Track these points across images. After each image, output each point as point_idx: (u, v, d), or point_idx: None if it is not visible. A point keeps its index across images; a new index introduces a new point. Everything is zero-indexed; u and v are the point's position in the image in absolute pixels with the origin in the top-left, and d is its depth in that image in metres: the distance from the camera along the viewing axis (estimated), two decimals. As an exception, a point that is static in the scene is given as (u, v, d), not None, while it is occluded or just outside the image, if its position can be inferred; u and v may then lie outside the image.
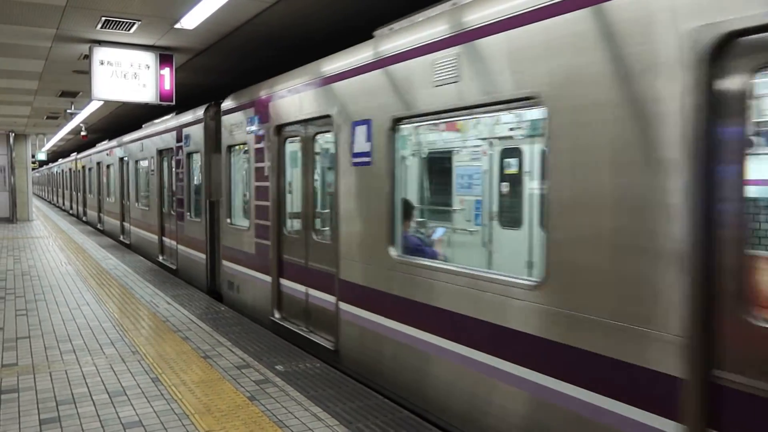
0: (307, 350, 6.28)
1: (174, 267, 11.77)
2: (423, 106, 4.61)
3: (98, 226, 21.30)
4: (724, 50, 2.64)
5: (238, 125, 8.35)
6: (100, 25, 7.62)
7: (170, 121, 11.98)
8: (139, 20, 7.43)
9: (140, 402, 4.83)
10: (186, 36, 8.06)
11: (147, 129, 13.90)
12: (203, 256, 10.08)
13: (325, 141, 6.55)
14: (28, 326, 7.27)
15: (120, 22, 7.47)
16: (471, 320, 4.14)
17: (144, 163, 14.32)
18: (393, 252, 5.03)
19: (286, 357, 6.06)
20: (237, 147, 8.73)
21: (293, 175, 7.29)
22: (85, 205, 25.33)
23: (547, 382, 3.55)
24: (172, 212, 11.85)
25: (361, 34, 5.86)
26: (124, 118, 17.43)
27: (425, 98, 4.56)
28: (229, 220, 8.90)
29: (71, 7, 6.87)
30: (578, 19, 3.33)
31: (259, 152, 7.68)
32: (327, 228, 6.46)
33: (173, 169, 11.74)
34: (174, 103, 8.94)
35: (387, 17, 5.62)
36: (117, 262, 12.79)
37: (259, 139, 7.64)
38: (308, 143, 6.65)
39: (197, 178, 10.85)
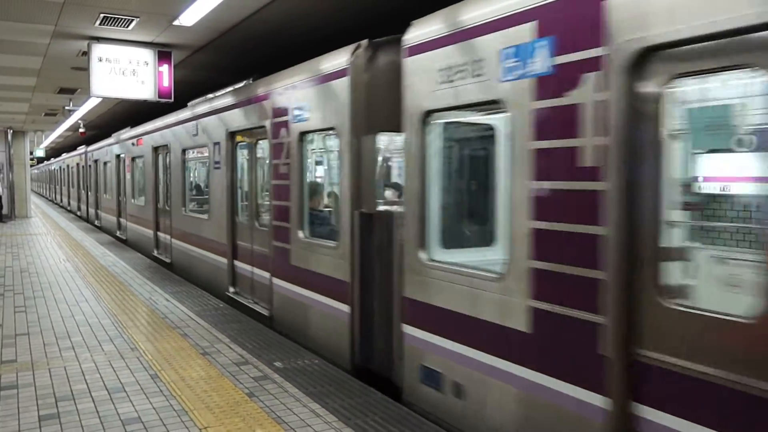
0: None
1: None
2: None
3: (118, 233, 17.39)
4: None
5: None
6: (98, 22, 7.61)
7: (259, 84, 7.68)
8: (137, 17, 7.42)
9: (139, 398, 4.84)
10: (184, 33, 8.05)
11: (205, 104, 9.72)
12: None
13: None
14: (27, 323, 7.28)
15: (118, 18, 7.47)
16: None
17: (198, 154, 10.65)
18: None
19: (285, 353, 6.07)
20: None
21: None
22: (97, 207, 21.85)
23: None
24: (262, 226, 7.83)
25: (360, 31, 5.85)
26: (123, 115, 17.41)
27: None
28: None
29: (69, 3, 6.86)
30: None
31: None
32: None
33: (267, 161, 7.45)
34: (173, 100, 8.94)
35: (385, 13, 5.62)
36: (115, 258, 12.79)
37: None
38: None
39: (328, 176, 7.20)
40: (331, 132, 5.98)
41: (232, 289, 8.69)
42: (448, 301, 4.33)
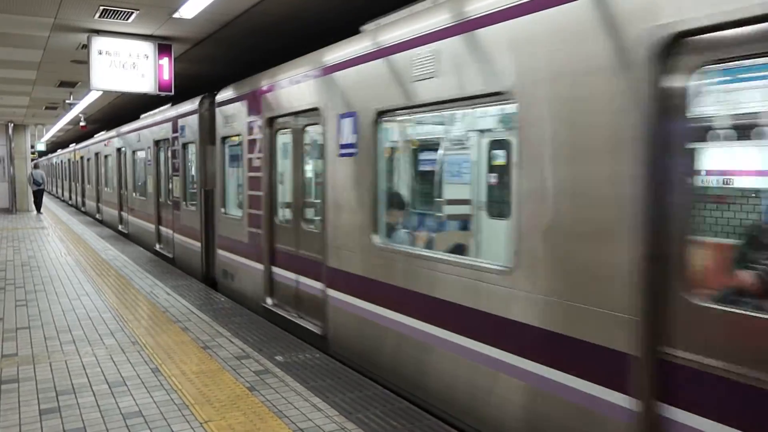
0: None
1: None
2: None
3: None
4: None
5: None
6: (98, 15, 7.57)
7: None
8: (137, 9, 7.39)
9: (140, 392, 4.83)
10: (185, 25, 8.01)
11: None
12: None
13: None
14: (28, 317, 7.27)
15: (118, 11, 7.43)
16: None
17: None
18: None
19: (286, 347, 6.06)
20: None
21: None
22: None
23: None
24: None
25: (361, 23, 5.82)
26: (124, 109, 17.38)
27: None
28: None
29: (69, -4, 6.83)
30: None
31: None
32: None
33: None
34: (173, 93, 8.91)
35: (385, 6, 5.58)
36: (117, 252, 12.79)
37: None
38: None
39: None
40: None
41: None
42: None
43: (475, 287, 4.11)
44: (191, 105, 10.21)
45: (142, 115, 14.39)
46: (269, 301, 7.44)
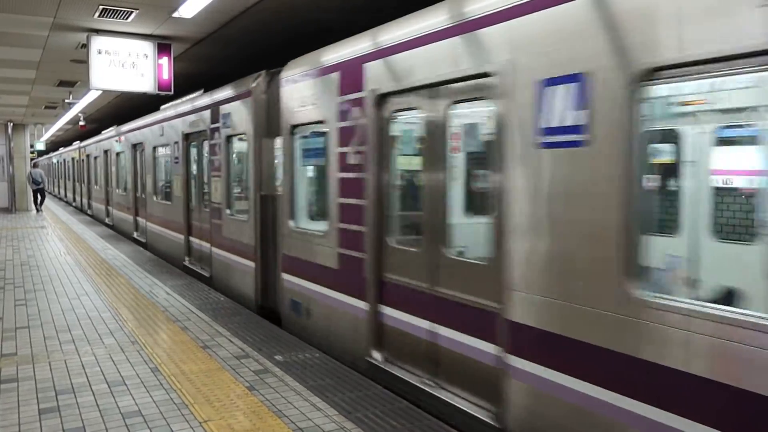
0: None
1: None
2: None
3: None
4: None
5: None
6: (97, 14, 7.57)
7: None
8: (136, 9, 7.38)
9: (139, 392, 4.83)
10: (184, 25, 8.01)
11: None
12: None
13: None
14: (28, 316, 7.27)
15: (117, 10, 7.42)
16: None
17: None
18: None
19: (285, 347, 6.06)
20: None
21: None
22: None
23: None
24: None
25: (361, 23, 5.81)
26: (123, 108, 17.37)
27: None
28: None
29: (68, -5, 6.83)
30: None
31: None
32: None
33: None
34: (172, 92, 8.91)
35: (388, 3, 5.58)
36: (116, 252, 12.78)
37: None
38: None
39: None
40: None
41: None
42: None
43: None
44: (241, 86, 8.12)
45: (164, 106, 12.47)
46: (377, 355, 5.36)
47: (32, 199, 24.22)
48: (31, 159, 26.73)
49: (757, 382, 2.61)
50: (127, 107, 16.97)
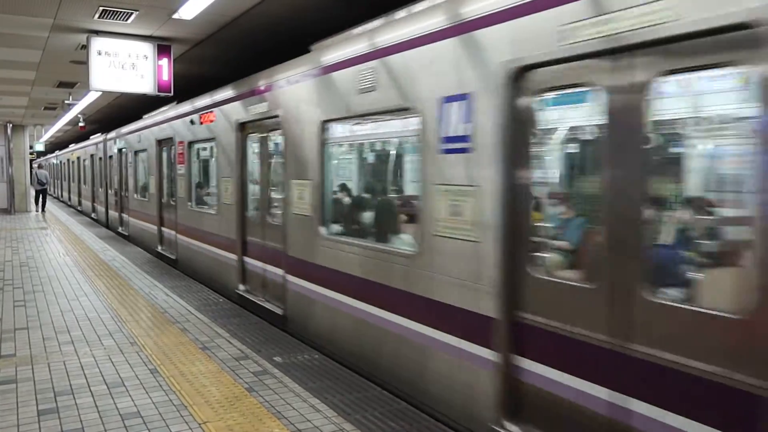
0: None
1: None
2: None
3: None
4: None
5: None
6: (97, 15, 7.57)
7: None
8: (136, 10, 7.39)
9: (138, 393, 4.83)
10: (184, 26, 8.02)
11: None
12: None
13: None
14: (27, 317, 7.26)
15: (117, 11, 7.43)
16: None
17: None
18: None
19: (285, 348, 6.06)
20: None
21: None
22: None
23: None
24: None
25: (362, 23, 5.82)
26: (123, 109, 17.38)
27: None
28: None
29: (68, -4, 6.83)
30: None
31: None
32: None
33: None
34: (172, 94, 8.91)
35: (386, 7, 5.58)
36: (115, 253, 12.77)
37: None
38: None
39: None
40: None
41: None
42: None
43: None
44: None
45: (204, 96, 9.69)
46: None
47: (34, 199, 24.43)
48: (32, 160, 26.74)
49: None
50: (127, 108, 16.97)
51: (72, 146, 29.83)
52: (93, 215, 22.84)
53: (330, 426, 4.23)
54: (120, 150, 16.61)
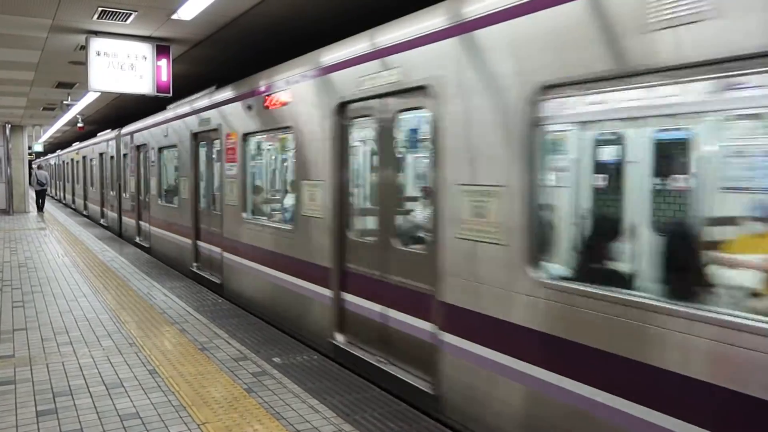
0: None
1: None
2: None
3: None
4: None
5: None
6: (96, 16, 7.57)
7: None
8: (135, 11, 7.38)
9: (137, 394, 4.82)
10: (183, 27, 8.01)
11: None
12: None
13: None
14: (25, 318, 7.25)
15: (116, 12, 7.42)
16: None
17: None
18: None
19: (284, 349, 6.05)
20: None
21: None
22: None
23: None
24: None
25: (361, 24, 5.82)
26: (122, 110, 17.36)
27: None
28: None
29: (67, -3, 6.83)
30: None
31: None
32: None
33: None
34: (171, 94, 8.90)
35: (385, 8, 5.59)
36: (114, 254, 12.76)
37: None
38: None
39: None
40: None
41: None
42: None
43: None
44: None
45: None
46: None
47: (35, 199, 24.61)
48: (32, 161, 26.73)
49: None
50: (126, 109, 16.96)
51: (76, 144, 27.15)
52: (102, 221, 20.09)
53: (329, 427, 4.22)
54: (138, 147, 14.14)
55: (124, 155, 15.90)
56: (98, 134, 20.24)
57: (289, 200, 7.33)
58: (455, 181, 4.29)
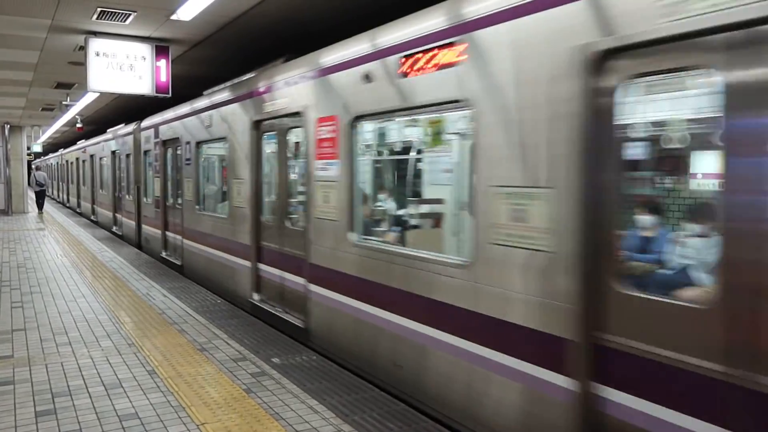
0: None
1: None
2: None
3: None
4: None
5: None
6: (95, 16, 7.57)
7: None
8: (134, 11, 7.38)
9: (136, 394, 4.82)
10: (182, 27, 8.01)
11: None
12: None
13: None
14: (24, 318, 7.25)
15: (116, 12, 7.43)
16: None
17: None
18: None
19: (283, 350, 6.05)
20: None
21: None
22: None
23: None
24: None
25: (360, 25, 5.82)
26: (121, 110, 17.35)
27: None
28: None
29: (66, -3, 6.83)
30: None
31: None
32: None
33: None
34: (170, 95, 8.90)
35: (385, 8, 5.59)
36: (113, 254, 12.75)
37: None
38: None
39: None
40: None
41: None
42: None
43: None
44: None
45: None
46: None
47: (35, 200, 24.81)
48: (31, 161, 26.73)
49: None
50: (125, 109, 16.95)
51: (82, 142, 24.29)
52: (115, 229, 17.34)
53: (328, 427, 4.22)
54: (165, 142, 11.80)
55: (145, 152, 13.62)
56: (109, 130, 17.61)
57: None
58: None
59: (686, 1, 2.83)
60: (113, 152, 17.21)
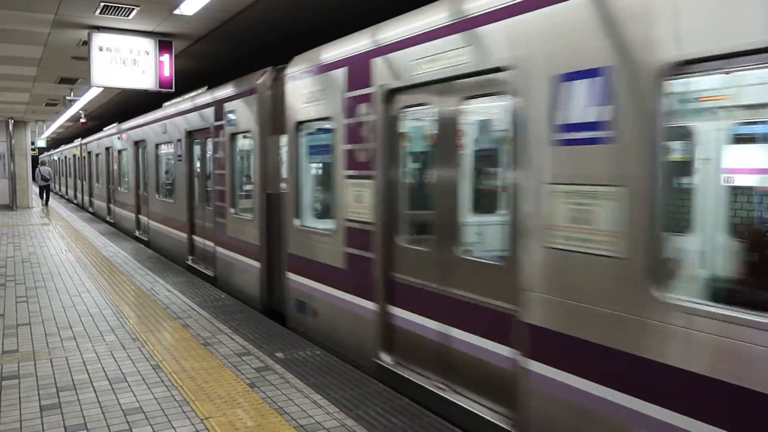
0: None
1: None
2: None
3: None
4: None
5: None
6: (98, 11, 7.56)
7: None
8: (138, 6, 7.37)
9: (141, 388, 4.83)
10: (185, 22, 8.00)
11: None
12: None
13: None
14: (29, 313, 7.28)
15: (119, 7, 7.42)
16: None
17: None
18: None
19: (287, 344, 6.06)
20: None
21: None
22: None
23: None
24: None
25: (364, 18, 5.80)
26: (124, 105, 17.37)
27: None
28: None
29: (69, -8, 6.82)
30: None
31: None
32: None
33: None
34: (173, 90, 8.90)
35: (387, 4, 5.57)
36: (117, 249, 12.79)
37: None
38: None
39: None
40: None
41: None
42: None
43: None
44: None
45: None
46: None
47: (39, 194, 25.25)
48: (36, 156, 26.81)
49: None
50: (128, 104, 16.96)
51: (97, 134, 21.18)
52: (139, 233, 14.78)
53: (332, 422, 4.23)
54: (211, 132, 9.30)
55: (178, 140, 10.97)
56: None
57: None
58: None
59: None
60: (136, 144, 14.05)
